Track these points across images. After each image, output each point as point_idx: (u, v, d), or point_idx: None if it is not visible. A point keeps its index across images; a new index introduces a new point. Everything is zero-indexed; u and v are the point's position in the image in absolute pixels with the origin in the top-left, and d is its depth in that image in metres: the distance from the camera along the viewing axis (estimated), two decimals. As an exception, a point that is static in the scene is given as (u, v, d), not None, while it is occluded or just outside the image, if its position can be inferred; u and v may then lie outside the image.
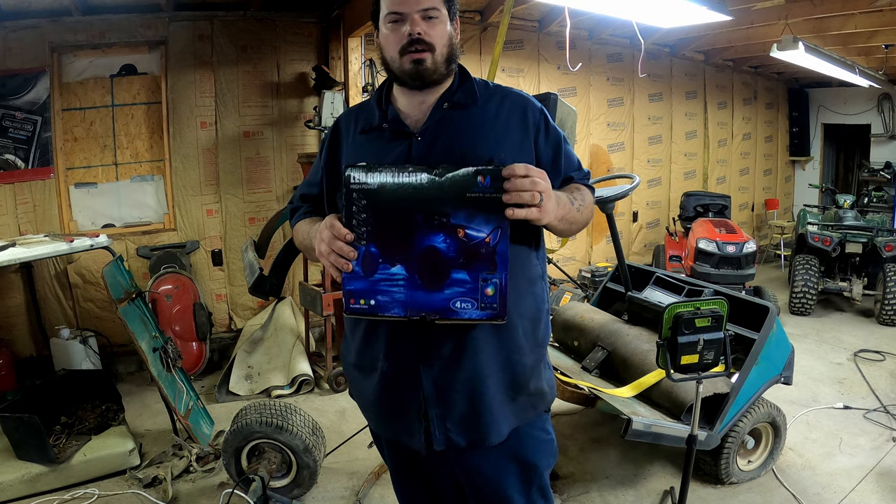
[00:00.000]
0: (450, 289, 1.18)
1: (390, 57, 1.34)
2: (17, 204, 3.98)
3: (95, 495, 2.76)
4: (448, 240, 1.16)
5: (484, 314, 1.20)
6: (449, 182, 1.16)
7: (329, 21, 4.59)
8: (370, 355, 1.40)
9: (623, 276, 3.10)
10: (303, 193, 1.56)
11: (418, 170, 1.17)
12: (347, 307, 1.22)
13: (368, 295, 1.20)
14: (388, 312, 1.21)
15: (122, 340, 4.00)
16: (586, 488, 2.81)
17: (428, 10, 1.30)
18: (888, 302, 5.10)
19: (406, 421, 1.38)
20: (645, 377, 2.66)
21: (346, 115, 1.52)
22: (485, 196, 1.15)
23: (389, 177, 1.16)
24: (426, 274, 1.18)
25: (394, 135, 1.37)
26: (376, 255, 1.18)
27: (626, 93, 6.60)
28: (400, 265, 1.18)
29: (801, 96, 8.85)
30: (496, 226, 1.16)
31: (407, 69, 1.32)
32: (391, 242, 1.18)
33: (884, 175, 7.97)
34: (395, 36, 1.31)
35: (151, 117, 4.34)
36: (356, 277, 1.19)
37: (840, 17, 5.12)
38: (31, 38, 3.87)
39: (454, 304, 1.19)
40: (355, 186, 1.17)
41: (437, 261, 1.17)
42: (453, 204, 1.16)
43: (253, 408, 2.70)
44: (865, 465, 2.97)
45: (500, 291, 1.18)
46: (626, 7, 3.58)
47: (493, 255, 1.17)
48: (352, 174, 1.17)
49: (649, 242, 7.10)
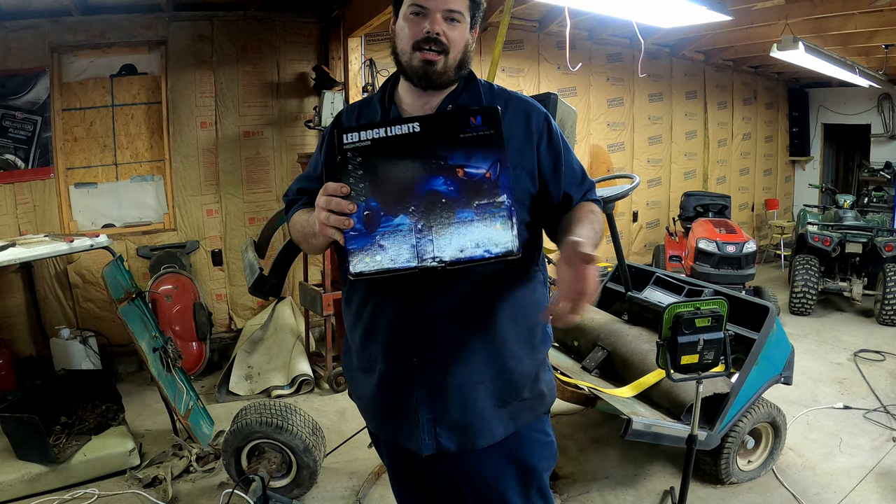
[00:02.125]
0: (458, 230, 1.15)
1: (401, 48, 1.32)
2: (17, 204, 3.98)
3: (95, 495, 2.76)
4: (449, 181, 1.14)
5: (496, 252, 1.15)
6: (439, 127, 1.16)
7: (329, 21, 4.59)
8: (369, 357, 1.39)
9: (623, 276, 3.10)
10: (300, 187, 1.52)
11: (409, 120, 1.17)
12: (353, 268, 1.13)
13: (373, 251, 1.13)
14: (397, 266, 1.13)
15: (122, 340, 4.01)
16: (586, 488, 2.81)
17: (452, 12, 1.28)
18: (888, 302, 5.10)
19: (404, 422, 1.37)
20: (645, 377, 2.66)
21: (348, 110, 1.49)
22: (479, 135, 1.16)
23: (382, 132, 1.16)
24: (433, 219, 1.14)
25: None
26: (377, 208, 1.14)
27: (626, 93, 6.60)
28: (403, 215, 1.14)
29: (801, 96, 8.85)
30: (494, 159, 1.15)
31: (415, 66, 1.30)
32: (391, 194, 1.14)
33: (884, 175, 7.97)
34: (412, 29, 1.29)
35: (151, 117, 4.34)
36: (359, 235, 1.13)
37: (840, 17, 5.12)
38: (31, 38, 3.87)
39: (465, 246, 1.15)
40: (349, 146, 1.15)
41: (442, 204, 1.14)
42: (448, 146, 1.15)
43: (253, 408, 2.70)
44: (865, 465, 2.97)
45: (508, 224, 1.15)
46: (626, 7, 3.57)
47: (496, 187, 1.15)
48: (345, 135, 1.16)
49: (649, 242, 7.10)
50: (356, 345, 1.43)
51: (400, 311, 1.31)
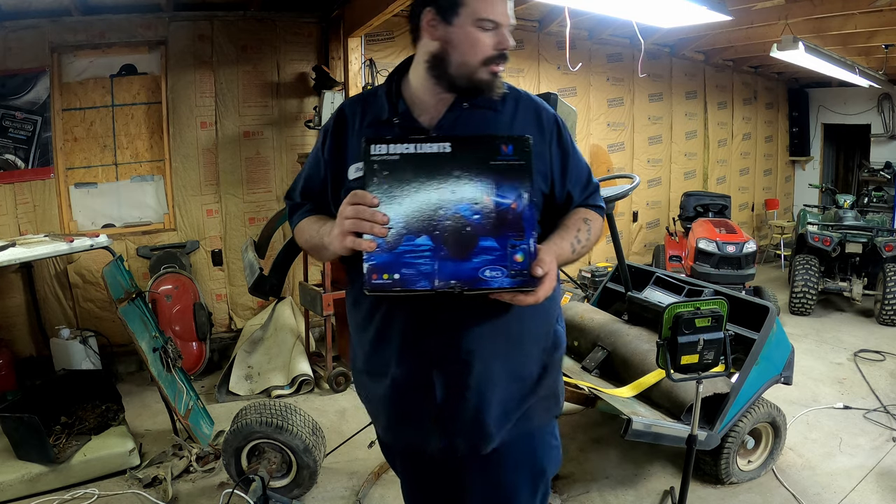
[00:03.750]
0: (478, 257, 1.14)
1: (466, 61, 1.26)
2: (17, 204, 3.98)
3: (95, 495, 2.75)
4: (474, 207, 1.14)
5: (514, 282, 1.15)
6: (471, 150, 1.15)
7: (329, 21, 4.59)
8: (380, 361, 1.36)
9: (623, 276, 3.10)
10: (304, 188, 1.47)
11: (440, 140, 1.15)
12: (369, 283, 1.12)
13: (392, 268, 1.12)
14: (414, 286, 1.13)
15: (122, 340, 4.00)
16: (586, 488, 2.81)
17: (513, 26, 1.29)
18: (888, 302, 5.10)
19: (419, 426, 1.36)
20: (645, 377, 2.66)
21: (351, 104, 1.43)
22: (508, 164, 1.15)
23: (412, 148, 1.14)
24: (453, 243, 1.13)
25: (404, 131, 1.32)
26: (400, 225, 1.13)
27: (626, 93, 6.60)
28: (426, 235, 1.13)
29: (801, 96, 8.85)
30: (521, 191, 1.15)
31: (481, 80, 1.27)
32: (415, 213, 1.13)
33: (884, 175, 7.97)
34: (483, 43, 1.25)
35: (151, 117, 4.34)
36: (380, 251, 1.12)
37: (840, 17, 5.12)
38: (31, 38, 3.87)
39: (483, 273, 1.14)
40: (376, 158, 1.13)
41: (464, 229, 1.14)
42: (478, 171, 1.15)
43: (253, 408, 2.70)
44: (865, 465, 2.97)
45: (529, 257, 1.15)
46: (626, 7, 3.57)
47: (520, 220, 1.15)
48: (372, 146, 1.14)
49: (649, 242, 7.10)
50: (365, 349, 1.40)
51: (414, 315, 1.29)
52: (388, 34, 4.88)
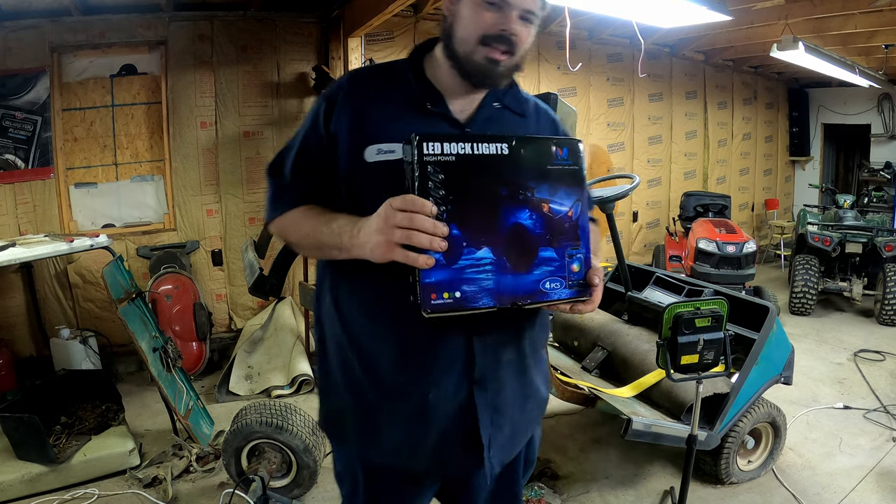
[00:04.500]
0: (538, 269, 1.07)
1: (463, 37, 1.15)
2: (17, 204, 3.98)
3: (95, 495, 2.75)
4: (534, 215, 1.07)
5: (572, 292, 1.10)
6: (529, 153, 1.07)
7: (329, 21, 4.59)
8: (411, 379, 1.18)
9: (623, 276, 3.10)
10: (297, 166, 1.24)
11: (496, 140, 1.05)
12: (429, 304, 0.99)
13: (453, 286, 1.00)
14: (477, 304, 1.02)
15: (122, 340, 4.00)
16: (586, 488, 2.81)
17: (528, 12, 1.15)
18: (888, 302, 5.10)
19: (458, 449, 1.21)
20: (645, 377, 2.66)
21: (370, 74, 1.28)
22: (563, 168, 1.10)
23: (468, 147, 1.02)
24: (515, 255, 1.05)
25: (439, 119, 1.20)
26: (459, 237, 1.01)
27: (626, 93, 6.60)
28: (486, 248, 1.02)
29: (801, 96, 8.85)
30: (577, 198, 1.11)
31: (477, 62, 1.15)
32: (475, 222, 1.02)
33: (884, 175, 7.97)
34: (483, 19, 1.13)
35: (151, 117, 4.34)
36: (438, 267, 0.99)
37: (840, 17, 5.12)
38: (31, 38, 3.87)
39: (544, 286, 1.08)
40: (430, 159, 1.00)
41: (526, 239, 1.06)
42: (536, 177, 1.07)
43: (253, 408, 2.70)
44: (865, 465, 2.97)
45: (584, 266, 1.12)
46: (626, 7, 3.57)
47: (577, 228, 1.11)
48: (425, 143, 1.00)
49: (649, 242, 7.10)
50: (386, 367, 1.20)
51: (461, 329, 1.16)
52: (389, 34, 4.88)
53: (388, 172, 1.11)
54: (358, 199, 1.15)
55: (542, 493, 2.67)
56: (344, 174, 1.17)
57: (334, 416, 1.31)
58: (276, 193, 1.26)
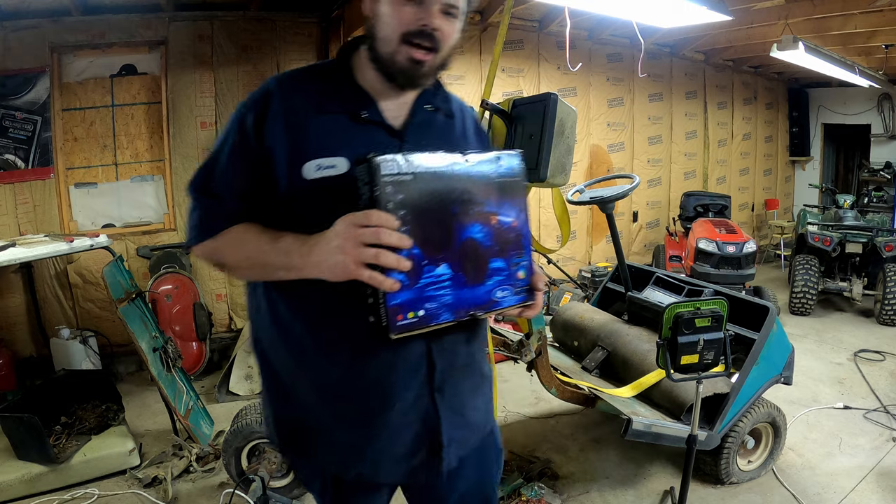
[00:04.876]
0: (490, 279, 1.12)
1: (384, 36, 1.12)
2: (17, 204, 3.98)
3: (95, 495, 2.75)
4: (484, 229, 1.10)
5: (520, 298, 1.16)
6: (479, 168, 1.10)
7: (329, 21, 4.59)
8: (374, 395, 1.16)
9: (623, 276, 3.10)
10: (226, 182, 1.15)
11: (449, 156, 1.06)
12: (396, 326, 1.01)
13: (416, 305, 1.03)
14: (439, 320, 1.06)
15: (122, 340, 4.00)
16: (586, 488, 2.81)
17: (451, 6, 1.11)
18: (888, 302, 5.10)
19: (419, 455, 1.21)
20: (645, 377, 2.66)
21: (298, 80, 1.19)
22: (509, 180, 1.13)
23: (423, 165, 1.02)
24: (470, 269, 1.08)
25: (375, 128, 1.17)
26: (419, 256, 1.02)
27: (626, 93, 6.60)
28: (445, 264, 1.05)
29: (801, 96, 8.85)
30: (520, 208, 1.15)
31: (400, 63, 1.11)
32: (432, 239, 1.04)
33: (884, 175, 7.98)
34: (402, 16, 1.09)
35: (151, 117, 4.34)
36: (402, 287, 1.00)
37: (840, 17, 5.12)
38: (31, 38, 3.87)
39: (495, 295, 1.13)
40: (388, 179, 0.98)
41: (479, 253, 1.09)
42: (485, 191, 1.10)
43: (253, 408, 2.70)
44: (865, 465, 2.97)
45: (529, 273, 1.16)
46: (626, 7, 3.57)
47: (521, 237, 1.15)
48: (383, 163, 0.98)
49: (649, 242, 7.10)
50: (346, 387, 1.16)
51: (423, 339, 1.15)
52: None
53: (331, 189, 1.08)
54: (299, 217, 1.10)
55: (542, 493, 2.67)
56: (282, 191, 1.11)
57: (292, 432, 1.25)
58: (206, 214, 1.16)
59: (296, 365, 1.19)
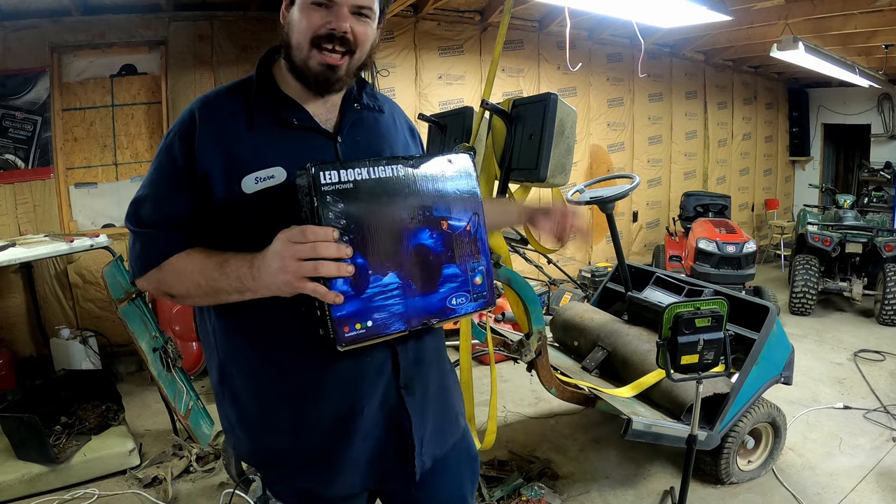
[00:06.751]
0: (444, 286, 1.09)
1: (296, 43, 1.12)
2: (17, 204, 3.99)
3: (95, 495, 2.75)
4: (435, 234, 1.08)
5: (477, 305, 1.14)
6: (425, 172, 1.08)
7: (329, 21, 4.59)
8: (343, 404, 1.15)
9: (623, 276, 3.10)
10: (162, 210, 1.11)
11: (392, 162, 1.04)
12: (343, 338, 0.99)
13: (364, 316, 1.00)
14: (389, 331, 1.03)
15: (122, 340, 4.00)
16: (586, 488, 2.81)
17: (362, 6, 1.10)
18: (888, 302, 5.10)
19: (391, 460, 1.21)
20: (645, 377, 2.65)
21: (214, 103, 1.16)
22: (458, 183, 1.12)
23: (365, 172, 1.01)
24: (420, 276, 1.06)
25: (308, 133, 1.16)
26: (364, 266, 1.00)
27: (626, 93, 6.60)
28: (392, 272, 1.03)
29: (801, 96, 8.85)
30: (473, 212, 1.13)
31: (313, 68, 1.11)
32: (378, 248, 1.01)
33: (884, 175, 7.98)
34: (312, 21, 1.09)
35: (151, 117, 4.34)
36: (347, 298, 0.98)
37: (840, 17, 5.12)
38: (31, 38, 3.87)
39: (450, 302, 1.11)
40: (328, 188, 0.97)
41: (429, 259, 1.07)
42: (433, 195, 1.08)
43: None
44: (865, 465, 2.97)
45: (487, 278, 1.15)
46: (626, 7, 3.58)
47: (476, 242, 1.13)
48: (322, 173, 0.96)
49: (649, 242, 7.10)
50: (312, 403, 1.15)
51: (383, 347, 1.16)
52: (388, 34, 4.88)
53: (273, 200, 1.08)
54: (244, 233, 1.08)
55: (542, 493, 2.67)
56: (223, 211, 1.09)
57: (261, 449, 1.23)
58: (145, 246, 1.12)
59: (259, 380, 1.18)
